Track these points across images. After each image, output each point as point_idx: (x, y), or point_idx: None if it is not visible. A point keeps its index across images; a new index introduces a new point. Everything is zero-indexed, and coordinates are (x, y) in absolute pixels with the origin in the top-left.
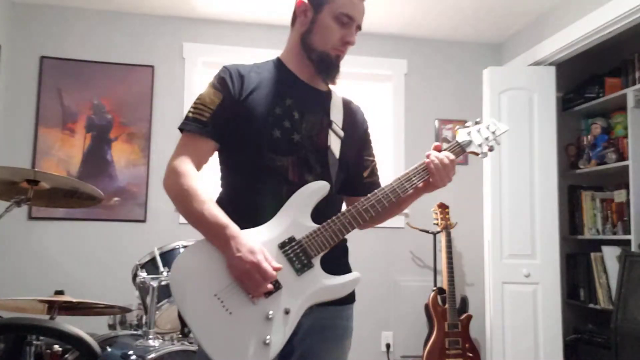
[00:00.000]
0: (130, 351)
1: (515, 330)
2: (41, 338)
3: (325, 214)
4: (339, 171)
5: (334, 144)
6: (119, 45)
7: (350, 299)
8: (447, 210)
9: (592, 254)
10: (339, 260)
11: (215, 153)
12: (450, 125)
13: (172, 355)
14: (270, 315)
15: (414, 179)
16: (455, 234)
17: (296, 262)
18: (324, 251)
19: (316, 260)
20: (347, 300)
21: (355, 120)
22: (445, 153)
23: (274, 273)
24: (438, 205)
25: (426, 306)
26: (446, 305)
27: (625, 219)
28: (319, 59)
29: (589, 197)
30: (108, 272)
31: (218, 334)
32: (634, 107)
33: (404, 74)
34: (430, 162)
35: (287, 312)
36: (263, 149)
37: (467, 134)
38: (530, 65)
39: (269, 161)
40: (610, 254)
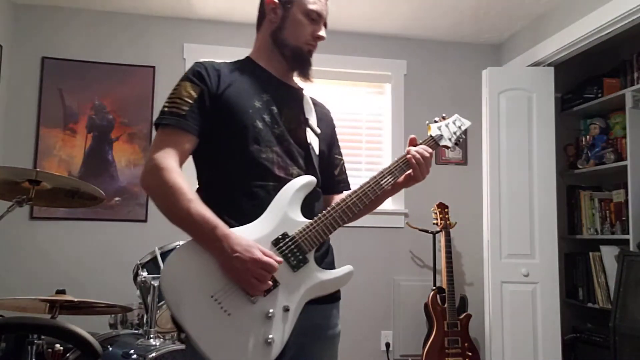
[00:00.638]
0: (131, 350)
1: (514, 330)
2: (43, 337)
3: (311, 208)
4: (319, 167)
5: (313, 141)
6: (120, 46)
7: (337, 297)
8: (447, 210)
9: (591, 254)
10: (326, 257)
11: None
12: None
13: (173, 354)
14: (270, 314)
15: (396, 172)
16: (455, 234)
17: (292, 259)
18: (317, 246)
19: (310, 256)
20: (334, 298)
21: (326, 120)
22: (422, 147)
23: (276, 265)
24: (437, 205)
25: (426, 306)
26: (445, 305)
27: (623, 218)
28: (293, 54)
29: (588, 197)
30: (109, 272)
31: (218, 337)
32: (633, 108)
33: (404, 75)
34: (411, 157)
35: (287, 310)
36: (247, 141)
37: (438, 128)
38: (529, 65)
39: (255, 154)
40: (609, 254)
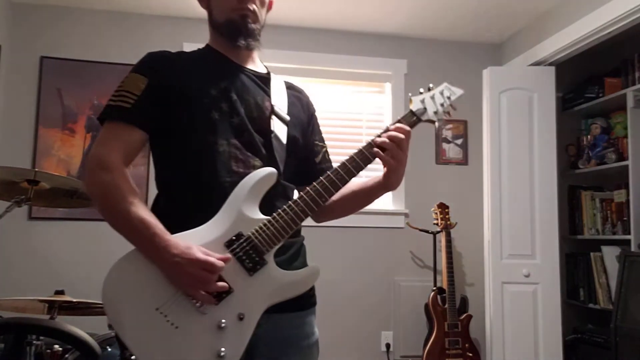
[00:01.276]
0: None
1: (515, 330)
2: (41, 338)
3: (273, 204)
4: (287, 157)
5: (279, 129)
6: (119, 45)
7: (311, 303)
8: (447, 210)
9: (592, 254)
10: (295, 259)
11: (144, 147)
12: (450, 126)
13: None
14: (222, 324)
15: (368, 155)
16: (455, 234)
17: (247, 261)
18: (277, 245)
19: (269, 257)
20: (308, 304)
21: (300, 104)
22: (394, 126)
23: (220, 263)
24: (438, 205)
25: (426, 306)
26: (446, 305)
27: (624, 219)
28: (227, 29)
29: (589, 197)
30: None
31: (165, 353)
32: (634, 107)
33: (404, 74)
34: (377, 152)
35: (242, 318)
36: (203, 132)
37: (421, 102)
38: (530, 65)
39: (210, 146)
40: (610, 254)
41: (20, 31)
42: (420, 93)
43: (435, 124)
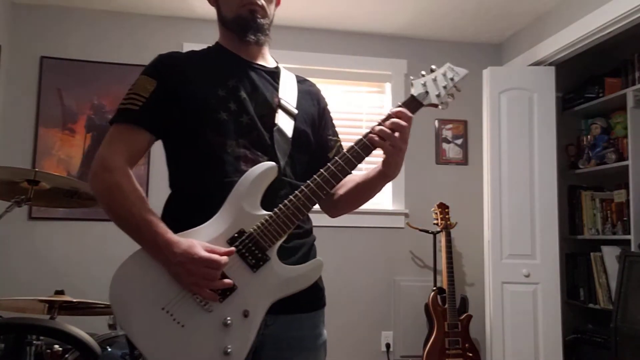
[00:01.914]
0: None
1: (515, 330)
2: (41, 338)
3: (275, 199)
4: (294, 152)
5: (285, 123)
6: (119, 45)
7: (320, 304)
8: (447, 210)
9: (592, 254)
10: (306, 256)
11: (151, 148)
12: (450, 126)
13: None
14: (228, 321)
15: (368, 143)
16: (455, 234)
17: (250, 258)
18: (279, 240)
19: (272, 252)
20: (317, 305)
21: (311, 98)
22: (397, 110)
23: (223, 258)
24: (438, 205)
25: (426, 306)
26: (446, 305)
27: (624, 219)
28: (236, 24)
29: (589, 197)
30: (108, 272)
31: (172, 351)
32: (634, 107)
33: (404, 74)
34: (372, 137)
35: (247, 315)
36: (210, 134)
37: (422, 85)
38: (530, 65)
39: (218, 147)
40: (610, 254)
41: (20, 31)
42: (422, 76)
43: (439, 107)
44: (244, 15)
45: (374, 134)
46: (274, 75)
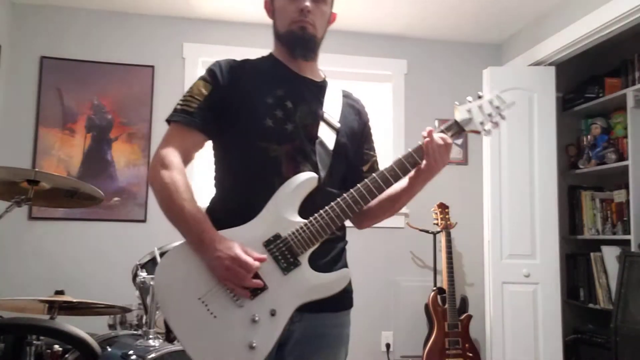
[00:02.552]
0: (131, 351)
1: (515, 330)
2: (41, 338)
3: (312, 208)
4: (334, 164)
5: (327, 136)
6: (119, 45)
7: (346, 305)
8: (447, 210)
9: (592, 254)
10: (335, 261)
11: (203, 148)
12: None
13: (172, 355)
14: (256, 318)
15: (407, 165)
16: (455, 234)
17: (282, 261)
18: (312, 248)
19: (303, 258)
20: (343, 305)
21: (354, 113)
22: (439, 134)
23: (256, 263)
24: (438, 205)
25: (426, 306)
26: (446, 305)
27: (625, 219)
28: (287, 40)
29: (589, 197)
30: (108, 272)
31: (203, 339)
32: (634, 107)
33: (404, 74)
34: (427, 142)
35: (274, 314)
36: (255, 138)
37: (467, 111)
38: (530, 65)
39: (262, 151)
40: (610, 254)
41: (20, 31)
42: (468, 102)
43: (482, 134)
44: (295, 32)
45: (427, 142)
46: (320, 88)
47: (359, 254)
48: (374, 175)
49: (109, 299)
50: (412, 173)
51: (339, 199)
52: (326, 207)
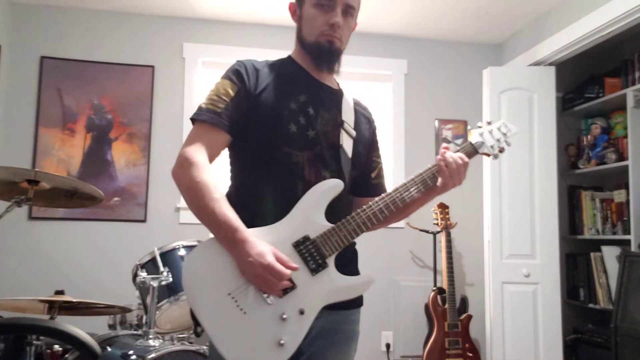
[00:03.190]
0: (131, 351)
1: (515, 330)
2: (41, 338)
3: (336, 213)
4: (351, 170)
5: (347, 143)
6: (119, 46)
7: (358, 303)
8: (447, 210)
9: (592, 254)
10: (349, 263)
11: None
12: (450, 126)
13: (172, 355)
14: (284, 316)
15: (428, 181)
16: (455, 234)
17: (311, 262)
18: (338, 251)
19: (330, 260)
20: (355, 303)
21: (365, 121)
22: (458, 154)
23: (287, 272)
24: (438, 205)
25: (426, 306)
26: (446, 305)
27: (625, 219)
28: (312, 51)
29: (589, 197)
30: (108, 272)
31: (232, 334)
32: (634, 107)
33: (404, 74)
34: (442, 160)
35: (302, 313)
36: (279, 143)
37: (480, 135)
38: (530, 65)
39: (285, 156)
40: (610, 254)
41: (20, 31)
42: (479, 127)
43: (491, 157)
44: (323, 45)
45: (442, 159)
46: (338, 96)
47: (359, 254)
48: (399, 187)
49: (109, 299)
50: (432, 186)
51: (365, 207)
52: (353, 214)
